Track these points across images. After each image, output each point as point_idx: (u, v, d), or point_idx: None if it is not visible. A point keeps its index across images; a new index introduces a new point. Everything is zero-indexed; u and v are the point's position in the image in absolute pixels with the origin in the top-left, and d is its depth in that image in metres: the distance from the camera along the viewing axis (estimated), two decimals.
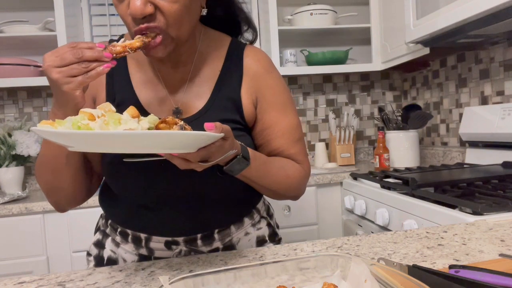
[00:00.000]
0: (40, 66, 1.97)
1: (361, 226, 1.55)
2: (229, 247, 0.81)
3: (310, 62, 2.18)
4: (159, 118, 0.55)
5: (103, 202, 0.84)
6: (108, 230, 0.84)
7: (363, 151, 2.47)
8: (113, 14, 2.21)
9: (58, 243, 1.63)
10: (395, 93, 2.51)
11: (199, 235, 0.78)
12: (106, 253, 0.82)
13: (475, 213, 0.94)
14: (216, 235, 0.79)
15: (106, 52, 0.57)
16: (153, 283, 0.58)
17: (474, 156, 1.70)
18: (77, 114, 0.52)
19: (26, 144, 1.84)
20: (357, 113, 2.47)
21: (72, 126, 0.50)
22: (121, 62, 0.77)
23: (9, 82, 1.85)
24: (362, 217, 1.54)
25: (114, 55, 0.58)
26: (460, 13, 1.28)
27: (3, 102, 2.12)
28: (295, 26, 2.13)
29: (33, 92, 2.14)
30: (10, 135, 1.86)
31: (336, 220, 1.83)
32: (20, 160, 1.89)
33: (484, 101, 1.77)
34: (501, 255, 0.61)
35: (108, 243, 0.83)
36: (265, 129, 0.80)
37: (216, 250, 0.80)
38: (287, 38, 2.26)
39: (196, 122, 0.73)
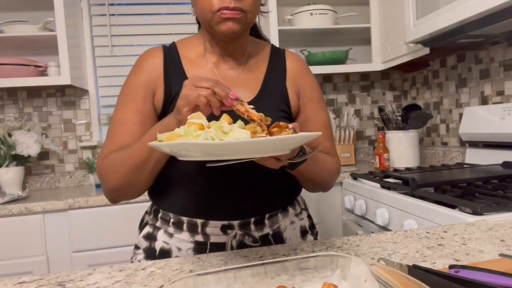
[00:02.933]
0: (40, 66, 1.97)
1: (361, 226, 1.55)
2: (278, 233, 0.86)
3: (310, 62, 2.18)
4: (244, 124, 0.58)
5: (154, 195, 0.87)
6: (158, 224, 0.86)
7: (363, 151, 2.47)
8: (113, 14, 2.21)
9: (58, 243, 1.63)
10: (395, 93, 2.51)
11: (252, 219, 0.82)
12: (158, 244, 0.84)
13: (475, 213, 0.94)
14: (266, 221, 0.84)
15: (230, 101, 0.62)
16: (153, 283, 0.58)
17: (474, 156, 1.70)
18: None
19: (26, 144, 1.84)
20: (357, 113, 2.47)
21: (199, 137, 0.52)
22: (175, 59, 0.86)
23: (9, 82, 1.85)
24: (362, 217, 1.54)
25: (235, 109, 0.62)
26: (460, 13, 1.28)
27: (3, 102, 2.12)
28: (295, 26, 2.13)
29: (33, 92, 2.14)
30: (10, 135, 1.86)
31: (336, 220, 1.83)
32: (20, 160, 1.89)
33: (484, 101, 1.77)
34: (501, 255, 0.61)
35: (160, 235, 0.85)
36: (307, 120, 0.88)
37: (267, 235, 0.84)
38: (287, 38, 2.26)
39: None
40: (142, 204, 1.68)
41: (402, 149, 1.94)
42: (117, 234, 1.66)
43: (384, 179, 1.44)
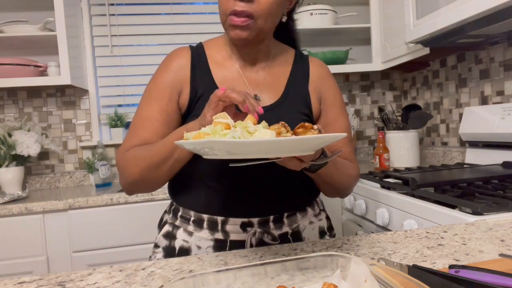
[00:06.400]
0: (40, 66, 1.97)
1: (361, 226, 1.55)
2: (297, 232, 0.87)
3: None
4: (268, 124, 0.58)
5: (176, 193, 0.88)
6: (177, 222, 0.87)
7: (363, 151, 2.47)
8: (113, 14, 2.21)
9: (58, 243, 1.63)
10: (395, 93, 2.51)
11: (271, 217, 0.83)
12: (178, 243, 0.85)
13: (475, 213, 0.94)
14: (285, 220, 0.85)
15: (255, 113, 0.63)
16: (153, 283, 0.58)
17: (474, 156, 1.70)
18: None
19: (26, 144, 1.84)
20: (357, 113, 2.47)
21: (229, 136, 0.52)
22: (202, 61, 0.87)
23: (9, 82, 1.85)
24: (362, 217, 1.54)
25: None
26: (460, 13, 1.28)
27: (3, 102, 2.12)
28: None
29: (33, 92, 2.14)
30: (10, 135, 1.86)
31: (336, 220, 1.83)
32: (20, 160, 1.89)
33: (484, 101, 1.77)
34: (501, 255, 0.61)
35: (180, 233, 0.86)
36: (327, 125, 0.89)
37: (286, 234, 0.85)
38: None
39: (273, 111, 0.83)
40: (142, 204, 1.68)
41: (402, 149, 1.94)
42: (117, 234, 1.66)
43: (384, 179, 1.44)
